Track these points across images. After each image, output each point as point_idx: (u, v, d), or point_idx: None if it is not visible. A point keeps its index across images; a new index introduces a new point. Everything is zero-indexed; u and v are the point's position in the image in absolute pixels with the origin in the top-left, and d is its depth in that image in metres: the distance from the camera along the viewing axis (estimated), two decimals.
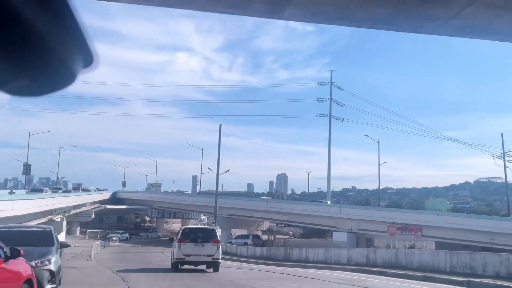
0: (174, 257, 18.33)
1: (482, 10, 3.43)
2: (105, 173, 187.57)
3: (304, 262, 26.89)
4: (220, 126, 52.86)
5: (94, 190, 75.05)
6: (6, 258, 7.04)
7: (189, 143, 74.36)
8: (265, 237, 65.47)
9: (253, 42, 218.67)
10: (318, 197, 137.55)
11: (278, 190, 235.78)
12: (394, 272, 18.02)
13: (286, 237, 79.56)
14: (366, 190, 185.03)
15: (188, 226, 22.32)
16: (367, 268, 20.27)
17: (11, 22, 0.80)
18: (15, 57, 0.89)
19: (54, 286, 9.90)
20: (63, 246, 12.84)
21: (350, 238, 49.67)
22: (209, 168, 56.01)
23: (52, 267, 9.71)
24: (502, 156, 53.90)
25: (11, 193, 35.48)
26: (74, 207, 64.05)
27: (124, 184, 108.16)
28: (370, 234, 51.94)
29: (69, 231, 68.80)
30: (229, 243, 58.61)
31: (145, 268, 20.80)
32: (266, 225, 74.79)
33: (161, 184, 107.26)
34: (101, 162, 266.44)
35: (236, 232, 73.99)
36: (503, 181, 59.21)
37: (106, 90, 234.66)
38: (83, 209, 70.88)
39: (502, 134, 57.88)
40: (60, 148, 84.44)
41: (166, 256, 29.37)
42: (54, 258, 10.03)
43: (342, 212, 51.29)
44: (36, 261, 9.21)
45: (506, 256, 16.92)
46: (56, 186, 51.54)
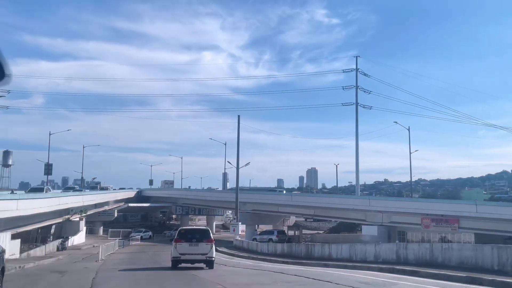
0: (171, 256, 19.85)
1: None
2: (136, 172, 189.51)
3: (326, 260, 23.99)
4: (238, 117, 50.56)
5: (114, 189, 73.38)
6: None
7: (211, 138, 71.84)
8: (291, 232, 62.67)
9: (278, 37, 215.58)
10: (349, 191, 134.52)
11: (309, 185, 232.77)
12: (429, 271, 14.96)
13: (314, 232, 76.58)
14: (398, 182, 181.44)
15: (184, 227, 23.99)
16: (397, 266, 17.23)
17: None
18: None
19: None
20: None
21: (381, 232, 46.46)
22: (228, 161, 53.70)
23: None
24: None
25: (12, 193, 33.85)
26: (95, 206, 62.89)
27: (151, 182, 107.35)
28: (403, 227, 48.60)
29: (91, 231, 67.79)
30: (253, 239, 56.18)
31: (147, 267, 21.22)
32: (293, 220, 71.91)
33: (173, 181, 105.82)
34: (132, 162, 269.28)
35: (263, 228, 71.55)
36: None
37: (136, 91, 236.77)
38: (105, 208, 69.79)
39: None
40: (83, 147, 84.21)
41: None
42: None
43: (371, 204, 47.98)
44: None
45: None
46: (68, 186, 50.03)
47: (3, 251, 11.07)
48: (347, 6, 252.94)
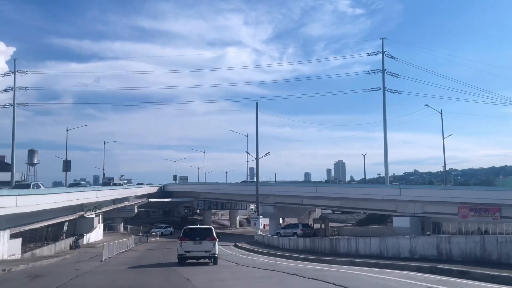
0: (177, 253, 21.21)
1: None
2: (164, 168, 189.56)
3: (353, 257, 20.80)
4: (256, 104, 47.76)
5: (126, 183, 70.88)
6: None
7: (232, 130, 69.10)
8: (317, 225, 59.38)
9: (301, 30, 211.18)
10: (378, 183, 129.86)
11: (336, 178, 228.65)
12: (484, 272, 11.61)
13: (342, 225, 73.07)
14: (429, 173, 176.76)
15: (188, 226, 24.46)
16: (440, 265, 13.90)
17: None
18: None
19: None
20: None
21: (414, 223, 42.83)
22: (247, 152, 51.01)
23: None
24: None
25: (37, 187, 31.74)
26: (113, 202, 61.02)
27: (175, 177, 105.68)
28: (437, 218, 44.80)
29: (111, 227, 66.09)
30: (276, 234, 53.23)
31: (151, 264, 21.94)
32: (318, 212, 68.51)
33: (187, 177, 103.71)
34: (160, 159, 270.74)
35: (287, 221, 68.51)
36: None
37: (162, 89, 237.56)
38: (125, 204, 67.94)
39: None
40: (104, 143, 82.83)
41: None
42: None
43: (402, 193, 44.27)
44: None
45: None
46: (74, 182, 47.95)
47: None
48: None
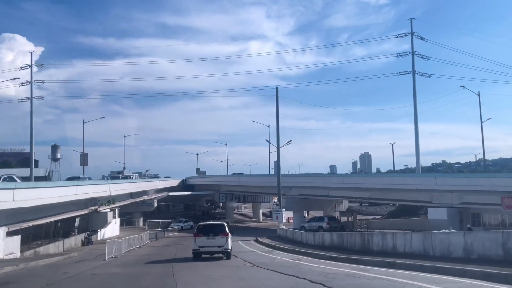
0: (192, 248, 21.61)
1: None
2: (189, 163, 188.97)
3: (390, 255, 17.42)
4: (276, 89, 44.38)
5: (131, 177, 67.73)
6: None
7: (253, 120, 65.98)
8: (344, 218, 55.89)
9: (324, 21, 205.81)
10: None
11: (362, 170, 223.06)
12: None
13: (370, 217, 69.24)
14: (457, 163, 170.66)
15: (202, 222, 25.04)
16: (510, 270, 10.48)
17: None
18: None
19: None
20: None
21: (451, 215, 38.85)
22: (267, 140, 47.88)
23: None
24: None
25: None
26: (131, 196, 58.82)
27: (197, 171, 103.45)
28: (477, 209, 40.62)
29: (130, 222, 63.97)
30: (301, 227, 49.95)
31: (160, 260, 22.58)
32: (345, 205, 64.80)
33: (205, 171, 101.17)
34: (185, 154, 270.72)
35: (312, 214, 65.15)
36: None
37: (186, 84, 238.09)
38: (144, 198, 65.75)
39: None
40: (124, 136, 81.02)
41: None
42: None
43: (438, 182, 40.24)
44: None
45: None
46: (72, 176, 45.51)
47: None
48: None
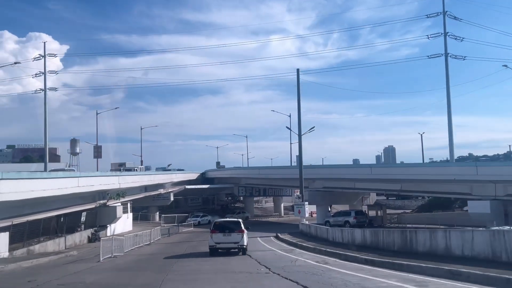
0: (209, 244, 22.38)
1: None
2: (210, 158, 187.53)
3: (442, 260, 13.54)
4: (297, 71, 40.52)
5: (135, 169, 63.57)
6: None
7: (273, 110, 62.24)
8: (372, 213, 51.67)
9: (346, 14, 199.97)
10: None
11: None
12: None
13: (400, 212, 64.76)
14: (485, 156, 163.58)
15: (218, 219, 26.67)
16: None
17: None
18: None
19: None
20: None
21: (495, 208, 34.37)
22: (287, 127, 44.11)
23: None
24: None
25: None
26: (145, 190, 55.89)
27: (217, 164, 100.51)
28: None
29: (145, 217, 61.07)
30: (325, 223, 46.07)
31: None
32: (373, 198, 60.48)
33: (224, 165, 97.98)
34: (206, 149, 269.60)
35: (337, 208, 61.15)
36: None
37: (209, 80, 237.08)
38: (160, 191, 62.78)
39: None
40: (141, 129, 78.37)
41: None
42: None
43: (479, 172, 35.68)
44: None
45: None
46: (57, 168, 42.38)
47: None
48: None
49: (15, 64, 47.11)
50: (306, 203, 37.73)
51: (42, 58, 52.44)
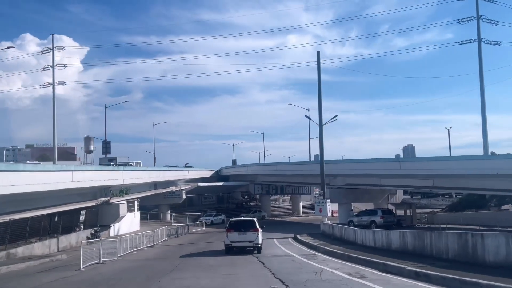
0: (224, 243, 22.79)
1: None
2: (226, 157, 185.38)
3: None
4: (318, 53, 36.50)
5: (130, 164, 58.82)
6: None
7: (291, 103, 58.24)
8: (400, 212, 47.24)
9: (364, 12, 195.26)
10: None
11: None
12: None
13: (428, 211, 60.03)
14: (508, 155, 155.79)
15: (233, 219, 25.54)
16: None
17: None
18: None
19: None
20: None
21: None
22: (306, 116, 40.01)
23: None
24: None
25: None
26: (155, 187, 52.45)
27: (234, 162, 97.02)
28: None
29: (156, 216, 57.61)
30: (349, 223, 41.92)
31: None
32: (399, 196, 56.01)
33: (236, 160, 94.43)
34: (223, 148, 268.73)
35: (360, 207, 56.88)
36: None
37: (226, 80, 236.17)
38: (172, 188, 59.31)
39: None
40: (154, 125, 75.02)
41: None
42: None
43: None
44: None
45: None
46: (33, 162, 39.03)
47: None
48: None
49: (8, 48, 43.82)
50: (328, 201, 33.64)
51: (50, 51, 49.77)
